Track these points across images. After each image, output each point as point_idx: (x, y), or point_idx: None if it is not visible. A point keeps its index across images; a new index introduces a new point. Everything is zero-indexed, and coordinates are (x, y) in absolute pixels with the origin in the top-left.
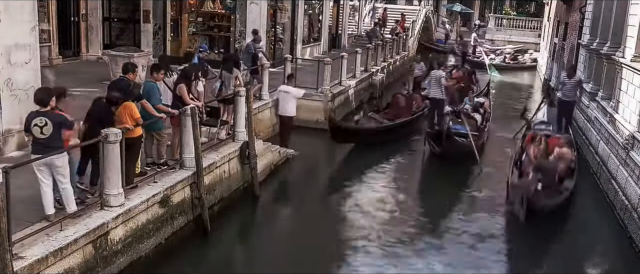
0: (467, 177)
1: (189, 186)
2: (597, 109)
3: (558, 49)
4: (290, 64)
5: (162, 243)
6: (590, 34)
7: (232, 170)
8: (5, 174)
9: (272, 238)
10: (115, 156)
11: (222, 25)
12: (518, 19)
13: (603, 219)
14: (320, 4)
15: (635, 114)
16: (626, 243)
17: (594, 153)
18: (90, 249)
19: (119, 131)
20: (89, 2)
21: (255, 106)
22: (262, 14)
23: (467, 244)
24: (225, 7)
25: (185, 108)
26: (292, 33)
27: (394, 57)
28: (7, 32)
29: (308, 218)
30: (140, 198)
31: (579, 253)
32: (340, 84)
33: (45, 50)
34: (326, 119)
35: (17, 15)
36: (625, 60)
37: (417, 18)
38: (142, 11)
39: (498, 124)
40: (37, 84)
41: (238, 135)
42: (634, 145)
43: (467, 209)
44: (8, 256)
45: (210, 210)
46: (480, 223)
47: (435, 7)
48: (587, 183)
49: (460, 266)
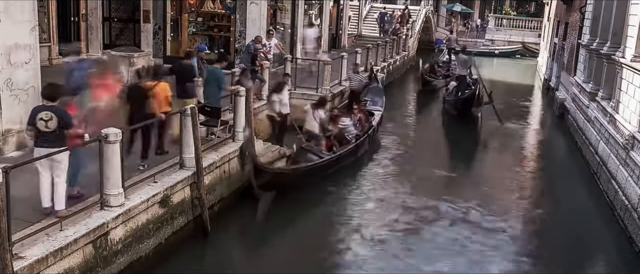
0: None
1: (189, 186)
2: (597, 109)
3: (558, 49)
4: (290, 64)
5: (162, 243)
6: (590, 34)
7: (232, 170)
8: (5, 174)
9: (271, 237)
10: (115, 155)
11: (222, 25)
12: (518, 19)
13: (603, 219)
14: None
15: (635, 114)
16: (626, 243)
17: (594, 153)
18: (90, 249)
19: (119, 131)
20: (89, 2)
21: (255, 106)
22: (262, 14)
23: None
24: (225, 7)
25: (185, 108)
26: (292, 33)
27: (394, 57)
28: (7, 32)
29: (309, 217)
30: (140, 198)
31: (579, 253)
32: (340, 84)
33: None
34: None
35: (17, 15)
36: (625, 60)
37: (417, 18)
38: (142, 11)
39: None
40: (37, 84)
41: (238, 135)
42: (634, 145)
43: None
44: (8, 256)
45: (210, 210)
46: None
47: (435, 7)
48: (587, 183)
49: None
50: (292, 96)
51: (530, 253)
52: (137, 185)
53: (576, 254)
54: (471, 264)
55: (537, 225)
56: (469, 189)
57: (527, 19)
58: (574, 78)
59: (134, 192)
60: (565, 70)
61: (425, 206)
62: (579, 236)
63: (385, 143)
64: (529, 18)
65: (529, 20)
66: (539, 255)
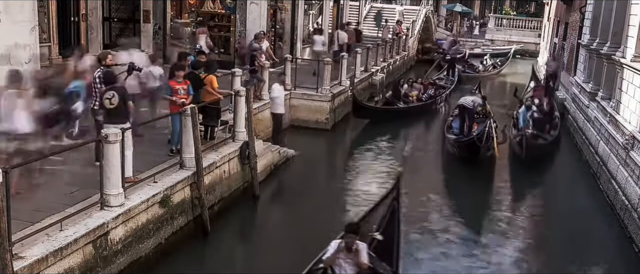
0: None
1: (189, 186)
2: (597, 109)
3: (558, 49)
4: (290, 64)
5: (162, 243)
6: (590, 34)
7: (232, 170)
8: (5, 174)
9: (272, 237)
10: (115, 155)
11: (222, 25)
12: (518, 19)
13: (603, 219)
14: (320, 4)
15: (635, 114)
16: (626, 243)
17: (594, 153)
18: (90, 249)
19: (119, 130)
20: (89, 2)
21: (255, 106)
22: (262, 14)
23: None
24: (225, 7)
25: (185, 108)
26: (292, 33)
27: (394, 57)
28: (7, 31)
29: (308, 217)
30: (140, 198)
31: (579, 253)
32: (340, 84)
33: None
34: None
35: (17, 15)
36: (626, 60)
37: (417, 18)
38: (142, 11)
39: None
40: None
41: (238, 135)
42: (634, 145)
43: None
44: (8, 256)
45: (210, 210)
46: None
47: (435, 7)
48: (587, 183)
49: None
50: (292, 95)
51: (529, 253)
52: (137, 185)
53: (576, 254)
54: (471, 264)
55: (536, 225)
56: (469, 189)
57: (527, 19)
58: (574, 78)
59: (134, 192)
60: (565, 70)
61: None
62: (579, 236)
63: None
64: (529, 18)
65: (529, 20)
66: (539, 255)
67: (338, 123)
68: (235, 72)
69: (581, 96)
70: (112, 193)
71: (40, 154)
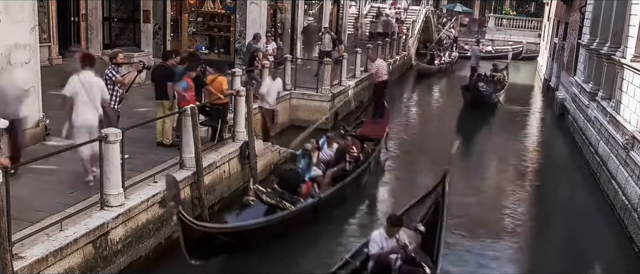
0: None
1: (189, 186)
2: (597, 109)
3: (558, 49)
4: (290, 64)
5: (162, 243)
6: (590, 34)
7: (232, 170)
8: (5, 174)
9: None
10: (115, 155)
11: (222, 25)
12: (518, 19)
13: (603, 219)
14: (320, 4)
15: (635, 114)
16: (626, 243)
17: (594, 153)
18: (90, 249)
19: (119, 131)
20: (89, 2)
21: (255, 106)
22: (262, 14)
23: None
24: (225, 7)
25: (186, 108)
26: (292, 33)
27: (394, 57)
28: (7, 32)
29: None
30: (140, 198)
31: (579, 253)
32: (340, 84)
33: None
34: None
35: (17, 15)
36: (626, 60)
37: (417, 18)
38: (142, 11)
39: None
40: (37, 83)
41: (238, 135)
42: (634, 145)
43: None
44: (8, 256)
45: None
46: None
47: (435, 7)
48: (587, 183)
49: None
50: (292, 95)
51: (529, 253)
52: (137, 185)
53: (576, 254)
54: (471, 263)
55: (536, 225)
56: (468, 190)
57: (527, 18)
58: (574, 78)
59: (134, 192)
60: (565, 70)
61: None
62: (579, 236)
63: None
64: (529, 18)
65: (529, 20)
66: (539, 255)
67: (338, 123)
68: (235, 72)
69: (581, 96)
70: (112, 193)
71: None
